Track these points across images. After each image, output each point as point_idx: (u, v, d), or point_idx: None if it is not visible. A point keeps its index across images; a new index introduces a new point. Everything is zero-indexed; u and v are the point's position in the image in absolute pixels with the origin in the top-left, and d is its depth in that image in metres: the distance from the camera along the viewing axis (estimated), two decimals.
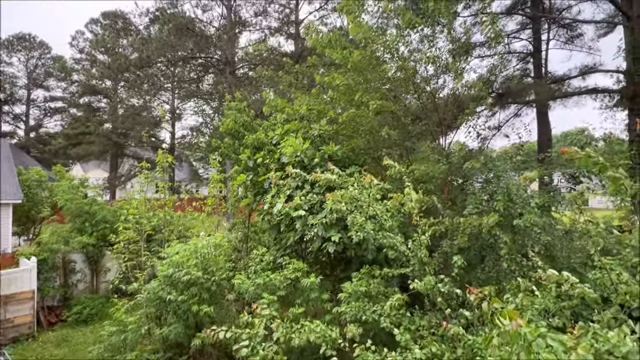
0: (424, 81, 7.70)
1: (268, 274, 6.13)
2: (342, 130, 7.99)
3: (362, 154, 8.01)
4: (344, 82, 7.63)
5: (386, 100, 7.71)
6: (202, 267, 6.16)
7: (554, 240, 7.07)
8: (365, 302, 5.11)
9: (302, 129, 8.15)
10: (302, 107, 8.70)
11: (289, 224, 6.93)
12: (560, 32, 17.02)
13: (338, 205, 4.77)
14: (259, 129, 9.08)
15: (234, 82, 22.69)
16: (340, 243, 5.96)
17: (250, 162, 8.27)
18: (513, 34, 17.29)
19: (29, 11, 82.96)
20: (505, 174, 6.11)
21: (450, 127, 8.28)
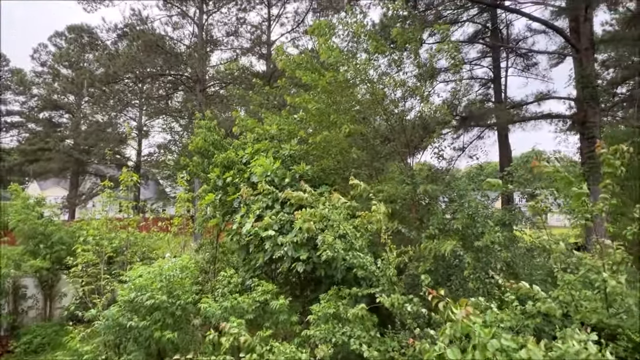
0: (392, 104, 7.96)
1: (236, 296, 5.96)
2: (313, 151, 8.06)
3: (332, 173, 8.08)
4: (316, 106, 7.75)
5: (356, 122, 7.88)
6: (167, 290, 5.90)
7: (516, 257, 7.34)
8: (334, 323, 5.06)
9: (273, 148, 8.16)
10: (273, 126, 8.73)
11: (259, 244, 6.83)
12: (517, 60, 18.20)
13: (308, 224, 4.76)
14: (229, 147, 9.00)
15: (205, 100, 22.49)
16: (310, 262, 5.92)
17: (219, 181, 8.15)
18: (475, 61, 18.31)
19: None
20: (467, 193, 6.33)
21: (417, 148, 8.55)
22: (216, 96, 26.11)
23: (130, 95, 28.03)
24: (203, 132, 9.02)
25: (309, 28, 8.00)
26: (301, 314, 6.31)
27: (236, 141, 9.23)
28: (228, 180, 7.91)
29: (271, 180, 7.23)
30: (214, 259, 9.73)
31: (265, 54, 25.04)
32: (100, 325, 6.05)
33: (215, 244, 9.82)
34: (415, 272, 5.85)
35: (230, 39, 26.01)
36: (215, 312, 5.63)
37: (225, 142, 9.31)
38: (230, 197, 7.76)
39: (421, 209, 8.01)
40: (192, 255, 10.89)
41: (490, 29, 17.09)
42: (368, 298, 5.65)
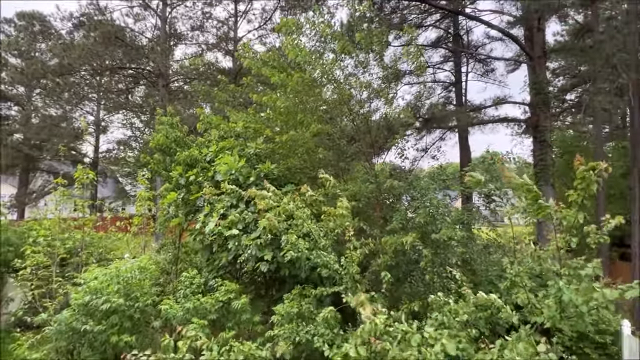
0: (358, 105, 8.09)
1: (199, 297, 5.84)
2: (279, 150, 8.03)
3: (298, 172, 8.10)
4: (283, 104, 7.73)
5: (322, 121, 7.93)
6: (125, 292, 5.68)
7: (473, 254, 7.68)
8: (298, 322, 5.08)
9: (238, 146, 8.05)
10: (239, 124, 8.61)
11: (222, 243, 6.73)
12: (477, 66, 19.02)
13: (272, 221, 4.75)
14: (193, 145, 8.79)
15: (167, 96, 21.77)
16: (274, 262, 5.91)
17: (182, 180, 7.94)
18: (438, 65, 18.94)
19: None
20: (428, 192, 6.56)
21: (382, 148, 8.75)
22: (180, 92, 25.33)
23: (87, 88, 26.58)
24: (165, 129, 8.74)
25: (276, 26, 7.96)
26: (266, 314, 6.28)
27: (200, 139, 9.02)
28: (191, 179, 7.73)
29: (236, 178, 7.13)
30: (176, 260, 9.46)
31: (232, 51, 24.59)
32: (51, 331, 5.73)
33: (178, 244, 9.55)
34: (377, 268, 5.99)
35: (195, 34, 25.33)
36: (176, 314, 5.49)
37: (188, 140, 9.08)
38: (193, 196, 7.59)
39: (385, 208, 8.21)
40: (153, 255, 10.54)
41: (452, 35, 17.75)
42: (332, 296, 5.73)
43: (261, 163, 7.56)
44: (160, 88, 22.00)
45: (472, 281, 6.29)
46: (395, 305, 5.43)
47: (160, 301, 6.02)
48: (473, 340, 4.68)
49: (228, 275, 7.31)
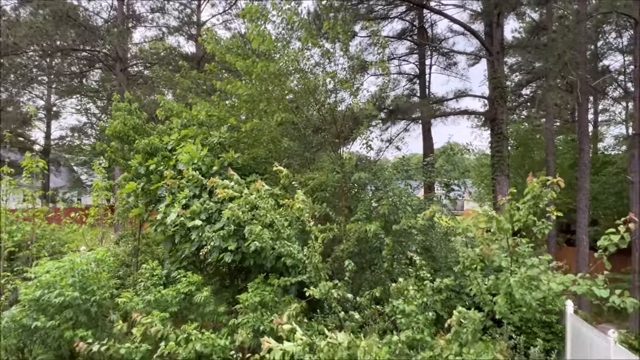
0: (324, 95, 8.09)
1: (160, 289, 5.70)
2: (244, 139, 7.91)
3: (263, 162, 8.03)
4: (247, 92, 7.58)
5: (288, 111, 7.88)
6: (81, 286, 5.44)
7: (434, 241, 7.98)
8: (262, 311, 5.10)
9: (201, 135, 7.85)
10: (202, 112, 8.38)
11: (185, 234, 6.59)
12: (440, 59, 19.50)
13: (235, 212, 4.70)
14: (153, 133, 8.47)
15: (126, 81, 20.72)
16: (238, 252, 5.87)
17: (141, 169, 7.65)
18: (403, 57, 19.25)
19: None
20: (391, 182, 6.73)
21: (347, 139, 8.83)
22: (139, 77, 24.16)
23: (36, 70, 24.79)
24: (122, 116, 8.35)
25: (240, 11, 7.75)
26: (231, 304, 6.25)
27: (160, 126, 8.70)
28: (152, 168, 7.46)
29: (198, 168, 6.96)
30: (137, 251, 9.16)
31: (195, 35, 23.70)
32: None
33: (138, 235, 9.24)
34: (340, 254, 6.09)
35: (156, 16, 24.13)
36: (136, 307, 5.34)
37: (148, 127, 8.73)
38: (154, 186, 7.34)
39: (350, 197, 8.33)
40: (112, 247, 10.14)
41: (417, 27, 18.06)
42: (298, 285, 5.78)
43: (225, 152, 7.42)
44: (118, 72, 20.88)
45: (432, 267, 6.57)
46: (357, 291, 5.57)
47: (119, 294, 5.83)
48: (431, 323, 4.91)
49: (192, 266, 7.18)
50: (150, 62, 23.56)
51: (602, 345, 5.79)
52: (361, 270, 6.53)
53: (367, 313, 5.07)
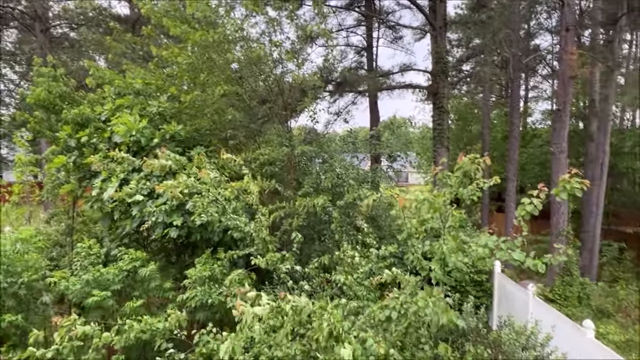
0: (270, 65, 7.86)
1: (99, 268, 5.43)
2: (186, 110, 7.53)
3: (208, 134, 7.73)
4: (186, 60, 7.14)
5: (232, 81, 7.58)
6: (4, 269, 5.01)
7: (379, 211, 8.32)
8: (211, 285, 5.07)
9: (138, 105, 7.34)
10: (137, 80, 7.79)
11: (125, 210, 6.26)
12: (387, 32, 19.64)
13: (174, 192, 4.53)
14: (83, 102, 7.76)
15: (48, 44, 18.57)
16: (184, 227, 5.71)
17: (72, 141, 7.04)
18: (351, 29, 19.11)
19: None
20: (336, 155, 6.84)
21: (295, 111, 8.73)
22: (64, 39, 21.76)
23: None
24: (46, 82, 7.53)
25: None
26: (178, 280, 6.13)
27: (92, 95, 7.98)
28: (83, 140, 6.89)
29: (137, 140, 6.56)
30: (71, 230, 8.58)
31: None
32: None
33: (72, 213, 8.63)
34: (289, 228, 6.16)
35: None
36: (73, 287, 5.05)
37: (77, 96, 7.97)
38: (87, 160, 6.81)
39: (299, 171, 8.36)
40: (42, 227, 9.40)
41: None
42: (246, 258, 5.79)
43: (166, 123, 7.03)
44: (38, 33, 18.61)
45: (377, 236, 6.89)
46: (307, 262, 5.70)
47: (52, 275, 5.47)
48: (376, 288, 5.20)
49: (134, 243, 6.89)
50: (76, 23, 21.23)
51: (522, 298, 6.54)
52: (310, 241, 6.68)
53: (315, 282, 5.24)
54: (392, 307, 3.51)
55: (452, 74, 19.17)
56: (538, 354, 4.35)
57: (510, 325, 4.84)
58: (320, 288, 5.74)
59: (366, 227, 5.74)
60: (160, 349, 3.77)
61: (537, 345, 4.52)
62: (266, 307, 3.07)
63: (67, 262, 7.44)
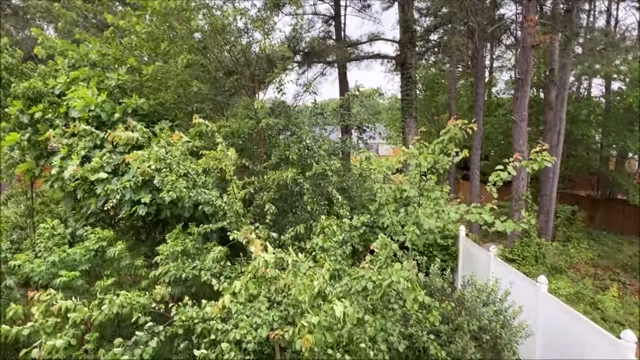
0: (235, 34, 7.58)
1: (65, 248, 5.28)
2: (147, 82, 7.19)
3: (172, 108, 7.47)
4: (146, 30, 6.74)
5: (195, 51, 7.27)
6: None
7: (350, 182, 8.44)
8: (184, 260, 5.06)
9: (96, 77, 6.94)
10: (92, 51, 7.32)
11: (89, 189, 6.04)
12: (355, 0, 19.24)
13: (143, 167, 4.42)
14: (33, 75, 7.25)
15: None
16: (153, 204, 5.60)
17: (24, 117, 6.62)
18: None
19: None
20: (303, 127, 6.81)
21: (263, 83, 8.54)
22: (6, 6, 19.92)
23: None
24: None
25: None
26: (150, 257, 6.07)
27: (43, 67, 7.45)
28: (38, 116, 6.49)
29: (97, 115, 6.26)
30: (31, 211, 8.21)
31: None
32: None
33: (31, 193, 8.23)
34: (261, 202, 6.18)
35: None
36: (38, 269, 4.90)
37: (26, 68, 7.43)
38: (42, 137, 6.44)
39: (267, 144, 8.29)
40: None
41: None
42: (219, 231, 5.78)
43: (127, 97, 6.72)
44: None
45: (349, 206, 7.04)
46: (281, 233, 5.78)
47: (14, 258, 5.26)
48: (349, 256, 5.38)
49: (101, 222, 6.70)
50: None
51: (484, 259, 6.96)
52: (283, 213, 6.73)
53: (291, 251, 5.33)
54: (368, 278, 3.67)
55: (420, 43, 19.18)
56: (497, 308, 4.70)
57: (473, 284, 5.17)
58: None
59: (340, 198, 5.84)
60: (139, 323, 3.79)
61: (496, 300, 4.87)
62: (272, 256, 3.26)
63: (29, 245, 7.16)
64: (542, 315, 5.24)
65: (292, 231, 5.50)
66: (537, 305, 5.30)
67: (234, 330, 3.80)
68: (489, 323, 4.43)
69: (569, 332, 4.75)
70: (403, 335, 4.16)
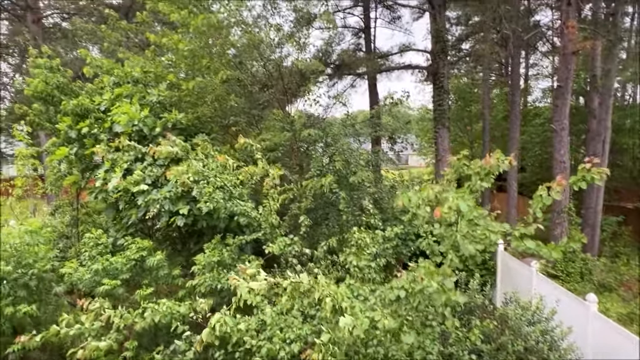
0: (269, 49, 7.76)
1: (107, 257, 5.48)
2: (186, 97, 7.46)
3: (209, 121, 7.69)
4: (188, 47, 7.03)
5: (232, 67, 7.49)
6: (16, 260, 5.06)
7: (382, 193, 8.35)
8: (219, 271, 5.13)
9: (137, 94, 7.27)
10: (136, 69, 7.70)
11: (130, 200, 6.28)
12: (385, 12, 19.28)
13: (183, 179, 4.54)
14: (81, 93, 7.69)
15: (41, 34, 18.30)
16: (190, 215, 5.74)
17: (72, 133, 7.01)
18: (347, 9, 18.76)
19: None
20: (340, 138, 6.82)
21: (295, 95, 8.67)
22: (57, 30, 21.42)
23: None
24: (43, 73, 7.44)
25: None
26: (185, 267, 6.20)
27: (90, 85, 7.90)
28: (84, 131, 6.86)
29: (139, 130, 6.53)
30: (76, 221, 8.62)
31: None
32: None
33: (76, 204, 8.66)
34: (297, 211, 6.19)
35: None
36: (83, 277, 5.11)
37: (75, 86, 7.90)
38: (88, 151, 6.79)
39: (300, 155, 8.35)
40: (47, 219, 9.44)
41: None
42: (252, 243, 5.84)
43: (166, 112, 6.98)
44: (30, 24, 18.30)
45: (381, 218, 6.94)
46: (313, 245, 5.76)
47: (62, 266, 5.52)
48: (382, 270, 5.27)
49: (139, 233, 6.93)
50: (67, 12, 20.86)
51: (526, 275, 6.63)
52: (316, 224, 6.72)
53: (323, 264, 5.30)
54: (401, 287, 3.57)
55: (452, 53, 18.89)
56: (544, 328, 4.43)
57: (516, 301, 4.92)
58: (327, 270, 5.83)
59: (371, 208, 5.77)
60: (177, 332, 3.85)
61: (542, 319, 4.60)
62: (263, 283, 3.14)
63: (73, 253, 7.50)
64: (592, 336, 4.89)
65: (325, 245, 5.46)
66: (586, 325, 4.96)
67: (267, 345, 3.78)
68: (535, 344, 4.18)
69: (622, 355, 4.40)
70: (442, 354, 4.00)
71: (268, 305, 4.31)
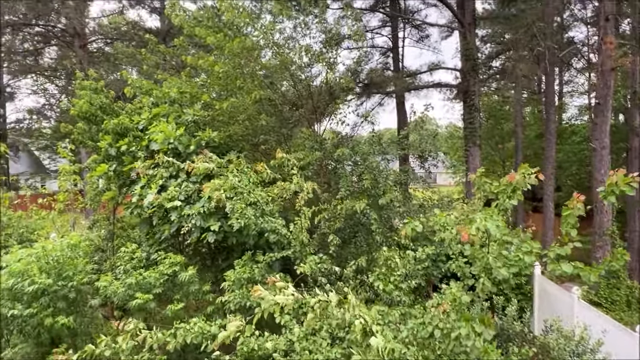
0: (299, 69, 7.93)
1: (141, 271, 5.61)
2: (219, 117, 7.70)
3: (240, 140, 7.88)
4: (223, 69, 7.30)
5: (263, 87, 7.70)
6: (57, 272, 5.27)
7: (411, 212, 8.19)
8: (248, 288, 5.13)
9: (174, 113, 7.58)
10: (173, 89, 8.05)
11: (163, 216, 6.46)
12: (413, 32, 19.41)
13: (217, 194, 4.64)
14: (122, 112, 8.09)
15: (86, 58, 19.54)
16: (221, 232, 5.82)
17: (112, 150, 7.35)
18: (376, 30, 19.02)
19: None
20: (369, 157, 6.79)
21: (324, 114, 8.76)
22: (101, 54, 22.83)
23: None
24: (88, 95, 7.91)
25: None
26: (214, 284, 6.25)
27: (130, 105, 8.31)
28: (123, 149, 7.18)
29: (174, 148, 6.77)
30: (112, 235, 8.93)
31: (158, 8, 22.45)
32: None
33: (112, 219, 8.99)
34: (326, 230, 6.16)
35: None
36: (117, 291, 5.25)
37: (116, 106, 8.33)
38: (126, 168, 7.09)
39: (328, 173, 8.36)
40: (85, 233, 9.83)
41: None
42: (280, 261, 5.83)
43: (201, 131, 7.22)
44: (77, 49, 19.62)
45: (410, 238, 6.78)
46: (342, 264, 5.69)
47: (97, 279, 5.70)
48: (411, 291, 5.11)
49: (171, 248, 7.08)
50: (110, 38, 22.24)
51: (566, 302, 6.23)
52: (344, 244, 6.65)
53: (352, 284, 5.21)
54: (435, 325, 3.42)
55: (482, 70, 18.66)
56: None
57: (558, 330, 4.63)
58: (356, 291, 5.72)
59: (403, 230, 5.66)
60: (207, 350, 3.86)
61: (587, 350, 4.30)
62: (289, 297, 3.06)
63: (108, 267, 7.75)
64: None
65: (354, 264, 5.38)
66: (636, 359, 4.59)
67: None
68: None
69: None
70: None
71: (296, 325, 4.26)
